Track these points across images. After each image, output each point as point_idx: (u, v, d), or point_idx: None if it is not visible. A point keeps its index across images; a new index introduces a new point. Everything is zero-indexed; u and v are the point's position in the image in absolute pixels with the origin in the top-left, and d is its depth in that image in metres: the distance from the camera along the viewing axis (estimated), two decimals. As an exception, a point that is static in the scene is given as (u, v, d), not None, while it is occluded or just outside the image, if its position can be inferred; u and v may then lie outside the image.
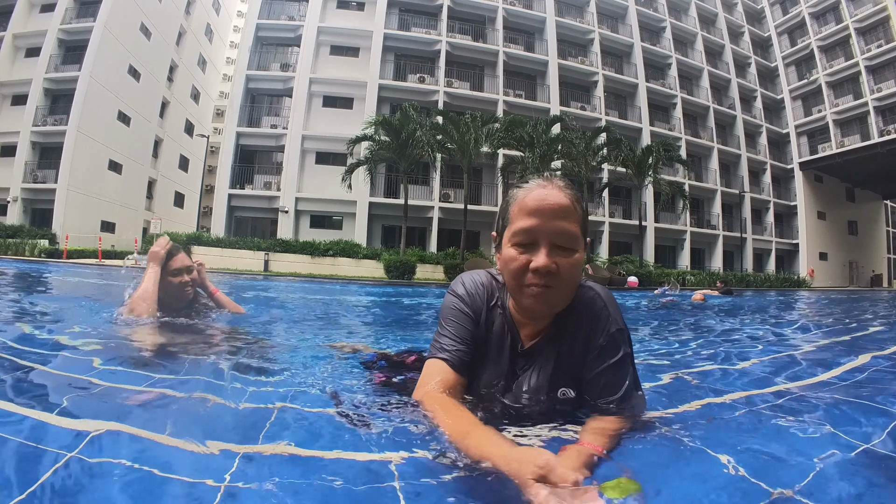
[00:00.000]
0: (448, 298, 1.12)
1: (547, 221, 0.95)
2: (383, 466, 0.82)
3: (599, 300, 1.05)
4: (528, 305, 0.98)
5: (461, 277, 1.14)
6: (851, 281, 31.10)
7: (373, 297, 7.51)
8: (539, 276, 0.94)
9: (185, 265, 2.28)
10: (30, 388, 1.26)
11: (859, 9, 27.76)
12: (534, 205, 0.96)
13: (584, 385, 1.03)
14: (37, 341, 1.90)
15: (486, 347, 1.08)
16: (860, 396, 1.44)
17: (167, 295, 2.24)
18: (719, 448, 0.93)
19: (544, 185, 0.98)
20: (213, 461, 0.81)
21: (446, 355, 1.02)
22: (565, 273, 0.95)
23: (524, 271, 0.95)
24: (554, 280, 0.94)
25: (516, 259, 0.96)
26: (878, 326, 4.32)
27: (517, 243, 0.97)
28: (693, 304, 7.81)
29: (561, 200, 0.96)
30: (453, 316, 1.08)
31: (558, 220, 0.95)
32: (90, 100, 20.62)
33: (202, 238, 17.21)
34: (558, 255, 0.95)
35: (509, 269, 0.98)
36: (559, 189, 0.98)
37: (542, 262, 0.93)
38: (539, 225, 0.95)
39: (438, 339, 1.07)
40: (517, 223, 0.97)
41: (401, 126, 16.29)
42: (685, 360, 2.29)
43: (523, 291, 0.97)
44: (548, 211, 0.95)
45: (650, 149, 19.34)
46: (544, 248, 0.94)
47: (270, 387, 1.37)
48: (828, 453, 0.93)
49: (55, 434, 0.89)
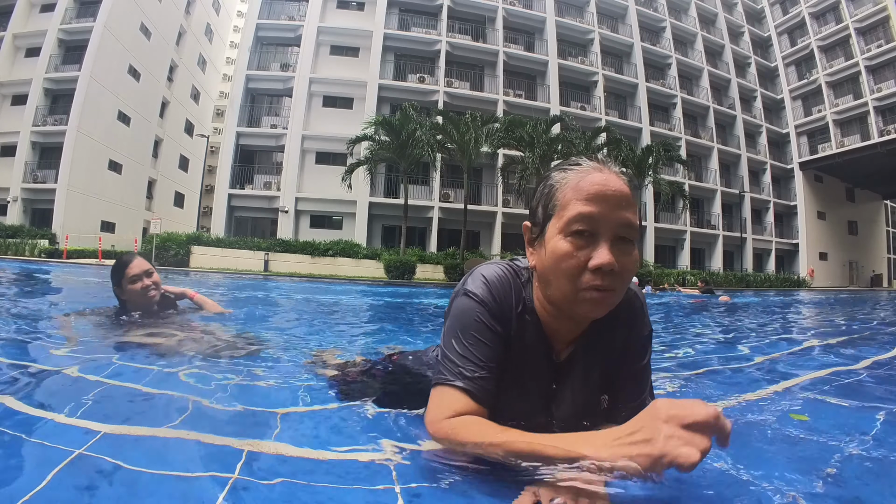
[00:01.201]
0: (465, 304, 0.89)
1: (609, 211, 0.79)
2: (382, 467, 0.82)
3: (637, 300, 0.96)
4: (584, 312, 0.82)
5: (480, 273, 0.92)
6: (851, 281, 31.10)
7: (371, 297, 7.51)
8: (601, 276, 0.78)
9: (143, 269, 2.24)
10: (30, 388, 1.26)
11: (859, 9, 27.76)
12: (595, 190, 0.80)
13: (615, 383, 0.96)
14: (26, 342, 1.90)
15: (514, 363, 0.90)
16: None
17: (132, 304, 2.26)
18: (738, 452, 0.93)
19: (601, 169, 0.83)
20: (213, 460, 0.81)
21: (466, 384, 0.83)
22: (626, 273, 0.81)
23: (582, 270, 0.79)
24: (615, 281, 0.80)
25: (573, 256, 0.79)
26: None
27: (575, 233, 0.79)
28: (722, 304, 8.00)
29: (622, 187, 0.81)
30: (476, 330, 0.86)
31: (621, 209, 0.80)
32: (90, 100, 20.62)
33: (202, 238, 17.21)
34: (618, 250, 0.80)
35: (562, 268, 0.80)
36: (617, 175, 0.83)
37: (607, 258, 0.77)
38: (602, 213, 0.79)
39: (453, 357, 0.86)
40: (573, 208, 0.80)
41: (401, 126, 16.29)
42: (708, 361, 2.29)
43: (579, 295, 0.80)
44: (611, 198, 0.79)
45: (650, 149, 19.35)
46: (606, 242, 0.79)
47: (268, 384, 1.37)
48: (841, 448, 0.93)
49: (57, 433, 0.89)
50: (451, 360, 0.85)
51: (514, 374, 0.90)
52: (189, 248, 16.04)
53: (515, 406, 0.89)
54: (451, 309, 0.91)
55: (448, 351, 0.87)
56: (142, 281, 2.22)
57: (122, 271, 2.20)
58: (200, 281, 9.43)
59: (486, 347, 0.85)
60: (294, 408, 1.17)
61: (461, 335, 0.86)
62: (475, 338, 0.85)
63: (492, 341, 0.86)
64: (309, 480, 0.76)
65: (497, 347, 0.86)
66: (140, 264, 2.24)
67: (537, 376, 0.91)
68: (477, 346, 0.85)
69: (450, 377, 0.84)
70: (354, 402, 1.21)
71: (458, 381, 0.83)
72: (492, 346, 0.86)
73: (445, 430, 0.80)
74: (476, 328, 0.86)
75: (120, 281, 2.21)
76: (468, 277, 0.92)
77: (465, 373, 0.84)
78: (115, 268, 2.23)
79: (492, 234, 22.02)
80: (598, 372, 0.94)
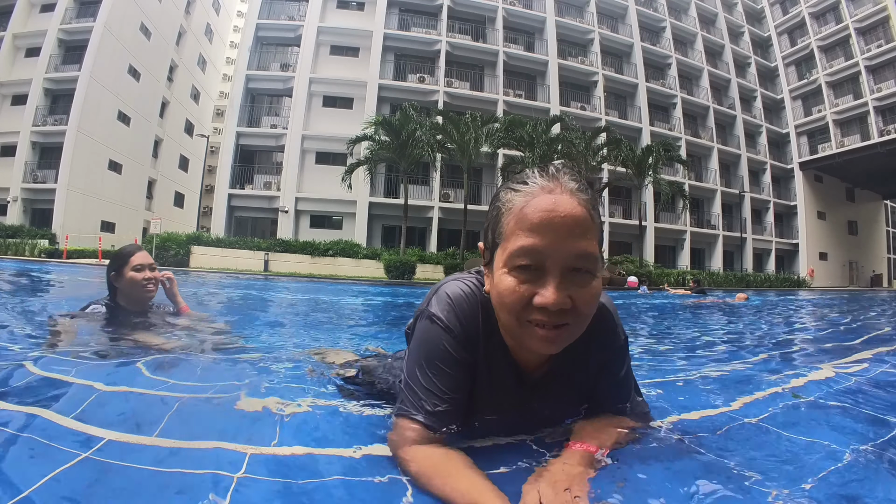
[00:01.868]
0: (430, 330, 0.83)
1: (558, 242, 0.71)
2: (390, 460, 0.82)
3: (608, 313, 0.91)
4: (535, 348, 0.77)
5: (445, 292, 0.85)
6: (851, 281, 31.11)
7: (370, 296, 7.51)
8: (547, 314, 0.72)
9: (148, 262, 2.16)
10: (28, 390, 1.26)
11: (859, 9, 27.77)
12: (538, 218, 0.71)
13: (593, 397, 0.96)
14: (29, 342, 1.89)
15: (484, 385, 0.86)
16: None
17: (127, 295, 2.17)
18: (724, 450, 0.93)
19: (551, 189, 0.74)
20: (215, 461, 0.81)
21: (427, 419, 0.78)
22: (583, 306, 0.73)
23: (526, 307, 0.73)
24: (569, 316, 0.73)
25: (515, 291, 0.72)
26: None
27: (516, 268, 0.73)
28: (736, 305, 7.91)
29: (574, 211, 0.72)
30: (440, 360, 0.81)
31: (573, 238, 0.71)
32: (90, 100, 20.62)
33: (202, 238, 17.21)
34: (573, 283, 0.72)
35: (505, 303, 0.74)
36: (570, 194, 0.73)
37: (552, 297, 0.70)
38: (546, 246, 0.71)
39: (416, 388, 0.81)
40: (515, 241, 0.73)
41: (401, 126, 16.29)
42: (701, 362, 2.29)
43: (527, 331, 0.75)
44: (559, 227, 0.71)
45: (650, 149, 19.35)
46: (553, 278, 0.71)
47: (268, 385, 1.37)
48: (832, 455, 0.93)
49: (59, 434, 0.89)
50: (414, 392, 0.81)
51: (486, 393, 0.86)
52: (189, 249, 16.03)
53: (491, 423, 0.86)
54: (416, 332, 0.86)
55: (411, 380, 0.83)
56: (144, 272, 2.14)
57: (125, 258, 2.12)
58: (200, 281, 9.43)
59: (450, 378, 0.81)
60: (297, 408, 1.16)
61: (425, 365, 0.81)
62: (439, 368, 0.81)
63: (456, 371, 0.81)
64: (310, 478, 0.76)
65: (462, 376, 0.82)
66: (145, 256, 2.18)
67: (510, 395, 0.88)
68: (441, 376, 0.80)
69: (412, 410, 0.80)
70: (357, 399, 1.21)
71: (419, 414, 0.79)
72: (456, 376, 0.81)
73: (400, 461, 0.77)
74: (440, 357, 0.81)
75: (121, 268, 2.11)
76: (433, 296, 0.86)
77: (427, 406, 0.79)
78: (118, 254, 2.15)
79: (492, 234, 21.99)
80: (576, 387, 0.92)
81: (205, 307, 4.28)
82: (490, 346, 0.85)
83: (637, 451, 0.90)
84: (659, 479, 0.78)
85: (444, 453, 0.75)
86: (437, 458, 0.74)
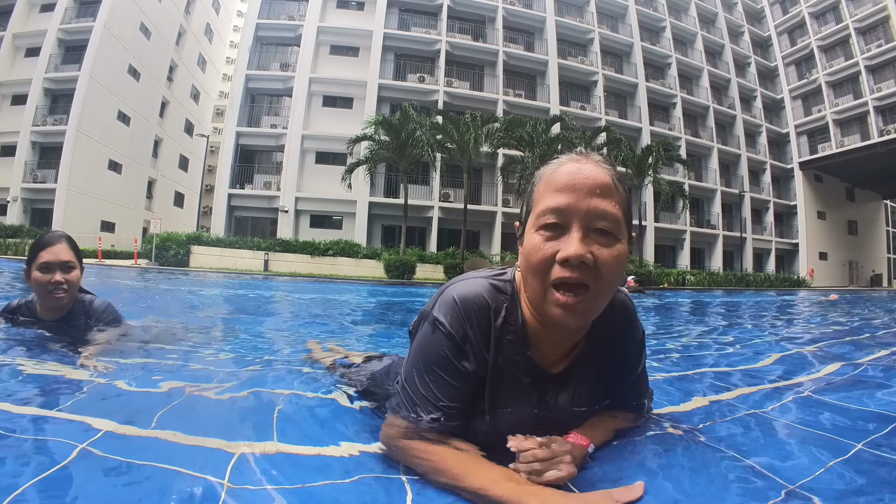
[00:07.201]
0: (432, 335, 0.81)
1: (580, 200, 0.74)
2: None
3: (629, 303, 0.93)
4: (555, 316, 0.76)
5: (453, 295, 0.82)
6: (851, 281, 31.09)
7: (370, 296, 7.50)
8: (570, 268, 0.73)
9: (61, 260, 1.67)
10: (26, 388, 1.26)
11: (859, 9, 27.75)
12: (565, 179, 0.76)
13: (613, 391, 0.96)
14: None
15: (495, 387, 0.84)
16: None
17: (39, 299, 1.74)
18: (726, 443, 0.93)
19: (577, 160, 0.79)
20: (219, 459, 0.81)
21: (417, 424, 0.79)
22: (605, 267, 0.74)
23: (550, 263, 0.74)
24: (590, 276, 0.73)
25: (540, 248, 0.75)
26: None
27: (543, 226, 0.76)
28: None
29: (597, 175, 0.76)
30: (440, 366, 0.79)
31: (595, 198, 0.74)
32: (90, 100, 20.60)
33: (202, 238, 17.20)
34: (595, 242, 0.74)
35: (532, 263, 0.76)
36: (595, 164, 0.78)
37: (574, 249, 0.72)
38: (571, 203, 0.74)
39: (412, 392, 0.81)
40: (542, 202, 0.77)
41: (401, 126, 16.28)
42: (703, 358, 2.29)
43: (549, 295, 0.75)
44: (582, 186, 0.75)
45: (650, 148, 19.35)
46: (577, 231, 0.73)
47: (266, 383, 1.37)
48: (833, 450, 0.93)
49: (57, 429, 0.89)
50: (409, 395, 0.81)
51: (498, 394, 0.84)
52: (189, 248, 16.02)
53: (505, 424, 0.85)
54: (418, 335, 0.84)
55: (407, 383, 0.82)
56: (53, 273, 1.66)
57: (35, 252, 1.68)
58: (201, 281, 9.43)
59: (448, 387, 0.79)
60: (294, 406, 1.16)
61: (424, 369, 0.80)
62: (438, 375, 0.79)
63: (456, 380, 0.79)
64: (309, 478, 0.76)
65: (460, 385, 0.80)
66: (59, 252, 1.69)
67: (526, 390, 0.86)
68: (438, 384, 0.79)
69: (403, 412, 0.81)
70: (355, 396, 1.21)
71: (411, 417, 0.80)
72: (455, 385, 0.79)
73: (392, 448, 0.81)
74: (440, 364, 0.79)
75: (29, 263, 1.69)
76: (440, 296, 0.84)
77: (421, 413, 0.79)
78: (32, 245, 1.73)
79: (492, 234, 22.02)
80: (600, 383, 0.91)
81: (201, 308, 4.27)
82: (502, 346, 0.83)
83: (633, 443, 0.90)
84: (664, 474, 0.78)
85: (439, 441, 0.78)
86: (434, 447, 0.77)
